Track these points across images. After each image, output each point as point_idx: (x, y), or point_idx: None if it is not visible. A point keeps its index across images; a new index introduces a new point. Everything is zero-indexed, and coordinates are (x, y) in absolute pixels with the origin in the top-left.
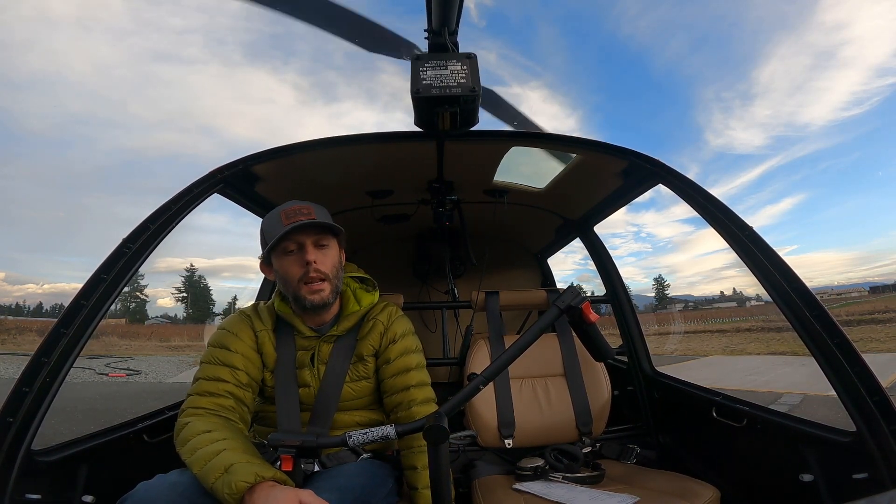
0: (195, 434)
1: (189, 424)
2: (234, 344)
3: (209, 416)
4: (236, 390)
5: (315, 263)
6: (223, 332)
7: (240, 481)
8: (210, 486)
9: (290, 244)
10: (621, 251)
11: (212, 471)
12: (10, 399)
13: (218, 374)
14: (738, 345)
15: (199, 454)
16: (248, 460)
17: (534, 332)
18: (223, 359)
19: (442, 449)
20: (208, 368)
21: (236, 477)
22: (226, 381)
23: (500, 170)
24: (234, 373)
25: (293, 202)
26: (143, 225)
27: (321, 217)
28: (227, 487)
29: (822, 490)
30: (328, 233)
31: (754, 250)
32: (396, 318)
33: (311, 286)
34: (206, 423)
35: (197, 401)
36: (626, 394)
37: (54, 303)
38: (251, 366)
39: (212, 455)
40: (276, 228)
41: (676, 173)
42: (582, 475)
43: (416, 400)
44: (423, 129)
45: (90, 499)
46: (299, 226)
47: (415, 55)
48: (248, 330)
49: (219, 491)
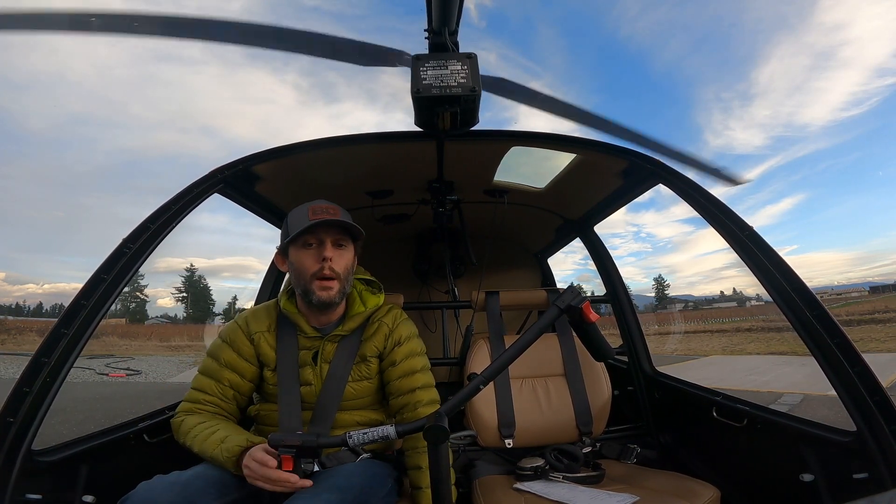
0: (192, 426)
1: (184, 420)
2: (226, 354)
3: (199, 414)
4: (220, 402)
5: (330, 261)
6: (218, 341)
7: (234, 445)
8: (210, 456)
9: (311, 238)
10: (621, 251)
11: (211, 444)
12: (10, 399)
13: (205, 387)
14: (738, 345)
15: (198, 436)
16: (238, 432)
17: (534, 332)
18: (212, 373)
19: (442, 449)
20: (199, 379)
21: (232, 443)
22: (210, 395)
23: (500, 170)
24: (220, 387)
25: (321, 201)
26: (143, 225)
27: (345, 219)
28: (225, 452)
29: (823, 490)
30: (348, 234)
31: (754, 250)
32: (401, 320)
33: (323, 283)
34: (199, 418)
35: (187, 406)
36: (626, 394)
37: (54, 303)
38: (237, 378)
39: (209, 434)
40: (302, 222)
41: (676, 173)
42: (582, 475)
43: (421, 402)
44: (423, 128)
45: (90, 499)
46: (323, 223)
47: (415, 55)
48: (243, 337)
49: (219, 457)
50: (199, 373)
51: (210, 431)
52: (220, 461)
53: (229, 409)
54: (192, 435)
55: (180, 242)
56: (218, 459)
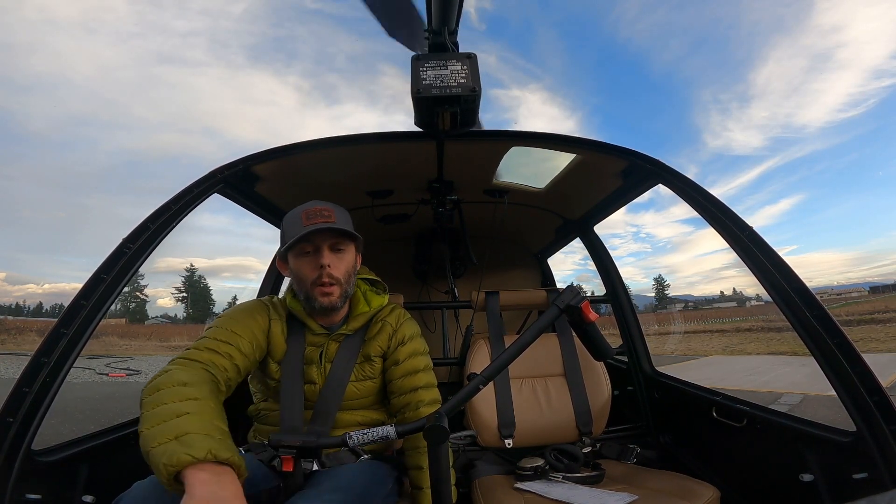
0: (169, 385)
1: (168, 372)
2: (247, 320)
3: (196, 368)
4: (236, 354)
5: (329, 268)
6: (238, 309)
7: (184, 454)
8: (147, 451)
9: (307, 245)
10: (621, 251)
11: (161, 433)
12: (10, 399)
13: (222, 337)
14: (738, 345)
15: (159, 410)
16: (207, 432)
17: (533, 332)
18: (231, 327)
19: (442, 449)
20: (215, 331)
21: (184, 447)
22: (229, 344)
23: (500, 170)
24: (239, 339)
25: (316, 202)
26: (143, 225)
27: (341, 220)
28: (165, 456)
29: (822, 490)
30: (345, 237)
31: (754, 250)
32: (405, 320)
33: (323, 289)
34: (188, 374)
35: (192, 353)
36: (626, 394)
37: (54, 303)
38: (256, 344)
39: (171, 415)
40: (296, 228)
41: (677, 173)
42: (582, 475)
43: (423, 401)
44: (423, 129)
45: (90, 499)
46: (317, 230)
47: (415, 55)
48: (264, 314)
49: (155, 458)
50: (213, 327)
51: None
52: (153, 463)
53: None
54: (155, 400)
55: (180, 242)
56: (153, 460)
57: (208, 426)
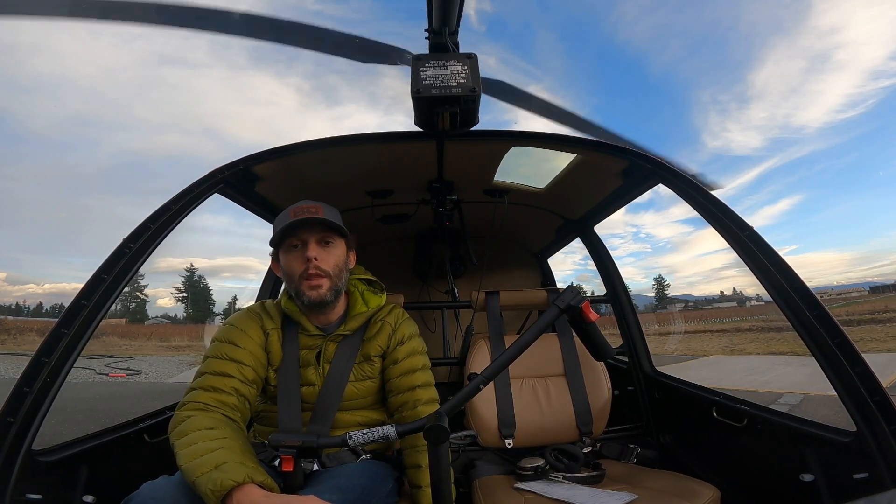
0: (197, 429)
1: (192, 418)
2: (242, 340)
3: (213, 413)
4: (242, 387)
5: (316, 260)
6: (231, 327)
7: (227, 479)
8: (193, 481)
9: (294, 240)
10: (620, 251)
11: (201, 465)
12: (10, 399)
13: (224, 370)
14: (738, 345)
15: (193, 448)
16: (242, 461)
17: (534, 332)
18: (230, 354)
19: (442, 449)
20: (214, 363)
21: (225, 475)
22: (232, 377)
23: (500, 170)
24: (240, 368)
25: (304, 201)
26: (143, 225)
27: (329, 215)
28: (211, 483)
29: (823, 490)
30: (333, 231)
31: (755, 250)
32: (404, 319)
33: (310, 282)
34: (210, 420)
35: (200, 395)
36: (626, 394)
37: (54, 303)
38: (258, 363)
39: (206, 451)
40: (283, 224)
41: (677, 173)
42: (582, 475)
43: (421, 400)
44: (423, 129)
45: (91, 499)
46: (303, 222)
47: (415, 55)
48: (258, 328)
49: (202, 486)
50: (211, 357)
51: (210, 447)
52: (202, 491)
53: (250, 397)
54: (187, 441)
55: (181, 242)
56: (200, 488)
57: (240, 457)
